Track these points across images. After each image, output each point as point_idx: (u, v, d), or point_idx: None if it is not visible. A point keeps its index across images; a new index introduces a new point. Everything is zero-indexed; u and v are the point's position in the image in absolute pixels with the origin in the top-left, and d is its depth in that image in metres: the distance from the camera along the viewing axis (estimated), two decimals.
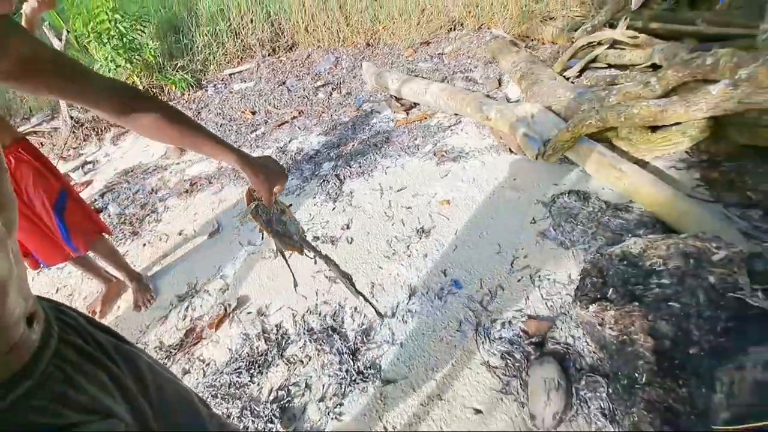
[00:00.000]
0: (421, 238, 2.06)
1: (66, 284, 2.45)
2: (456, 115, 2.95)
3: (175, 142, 0.86)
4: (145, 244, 2.59)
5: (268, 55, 4.57)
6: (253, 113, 3.74)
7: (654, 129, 1.93)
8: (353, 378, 1.53)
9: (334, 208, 2.40)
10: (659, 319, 1.12)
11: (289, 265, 1.07)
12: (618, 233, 1.79)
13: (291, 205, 1.12)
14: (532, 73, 2.75)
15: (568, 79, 2.70)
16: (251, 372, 1.66)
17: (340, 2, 4.35)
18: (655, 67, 2.29)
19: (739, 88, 1.42)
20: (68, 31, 3.99)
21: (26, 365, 0.55)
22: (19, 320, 0.55)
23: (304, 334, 1.74)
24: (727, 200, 1.78)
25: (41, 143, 3.99)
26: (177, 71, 4.34)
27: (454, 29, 4.09)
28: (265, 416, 1.49)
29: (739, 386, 0.87)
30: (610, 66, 2.68)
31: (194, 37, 4.45)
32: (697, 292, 1.06)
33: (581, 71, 2.72)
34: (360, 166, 2.69)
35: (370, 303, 1.15)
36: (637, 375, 1.14)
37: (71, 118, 3.98)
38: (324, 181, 2.64)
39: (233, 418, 1.53)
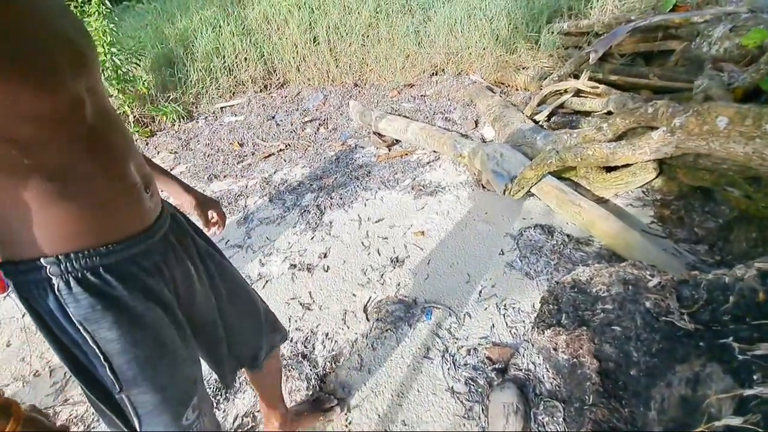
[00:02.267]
0: (395, 268, 2.14)
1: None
2: (434, 152, 3.11)
3: None
4: None
5: (260, 91, 4.77)
6: (241, 145, 3.86)
7: (609, 169, 2.09)
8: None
9: (312, 237, 2.47)
10: (604, 342, 1.20)
11: None
12: (578, 265, 1.89)
13: None
14: (504, 116, 2.95)
15: (537, 122, 2.90)
16: (217, 398, 1.65)
17: (330, 45, 4.62)
18: (610, 115, 2.50)
19: (675, 135, 1.58)
20: None
21: (147, 229, 0.74)
22: (140, 185, 0.73)
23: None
24: (677, 236, 1.91)
25: None
26: (169, 103, 4.49)
27: (436, 74, 4.36)
28: None
29: (667, 402, 0.94)
30: (575, 112, 2.90)
31: (188, 72, 4.64)
32: (635, 316, 1.14)
33: (549, 116, 2.93)
34: (341, 198, 2.79)
35: None
36: (585, 397, 1.20)
37: None
38: (305, 211, 2.72)
39: None
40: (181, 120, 4.46)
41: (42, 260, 0.63)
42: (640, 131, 1.96)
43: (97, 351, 0.67)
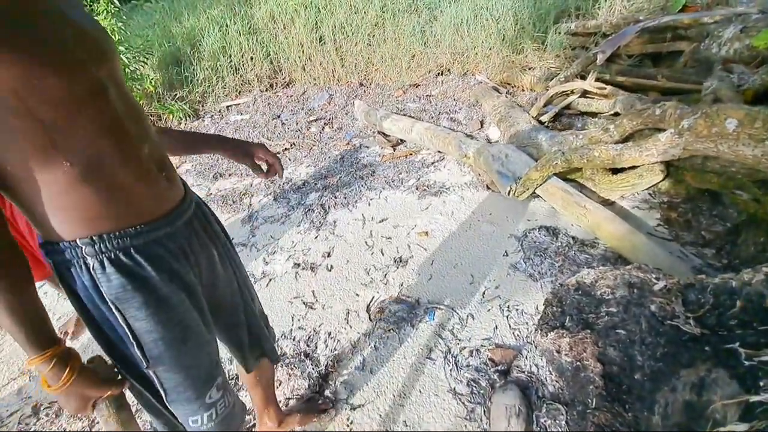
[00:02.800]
0: (398, 268, 2.13)
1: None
2: (439, 152, 3.10)
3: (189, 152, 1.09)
4: None
5: (266, 90, 4.79)
6: None
7: (615, 171, 2.08)
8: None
9: (316, 237, 2.48)
10: (608, 346, 1.18)
11: None
12: (583, 267, 1.88)
13: None
14: (510, 117, 2.94)
15: (543, 123, 2.89)
16: None
17: (336, 45, 4.62)
18: (618, 116, 2.48)
19: (683, 137, 1.56)
20: None
21: (169, 213, 0.77)
22: (156, 169, 0.76)
23: None
24: (684, 239, 1.89)
25: None
26: (176, 101, 4.52)
27: (442, 74, 4.35)
28: None
29: (672, 407, 0.93)
30: (581, 113, 2.88)
31: (195, 71, 4.67)
32: (640, 320, 1.13)
33: (555, 117, 2.91)
34: (345, 197, 2.79)
35: None
36: (588, 400, 1.19)
37: None
38: (309, 210, 2.73)
39: None
40: (188, 118, 4.49)
41: (78, 241, 0.66)
42: (648, 133, 1.94)
43: (126, 329, 0.71)
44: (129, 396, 0.80)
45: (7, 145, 0.58)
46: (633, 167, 1.99)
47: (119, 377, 0.77)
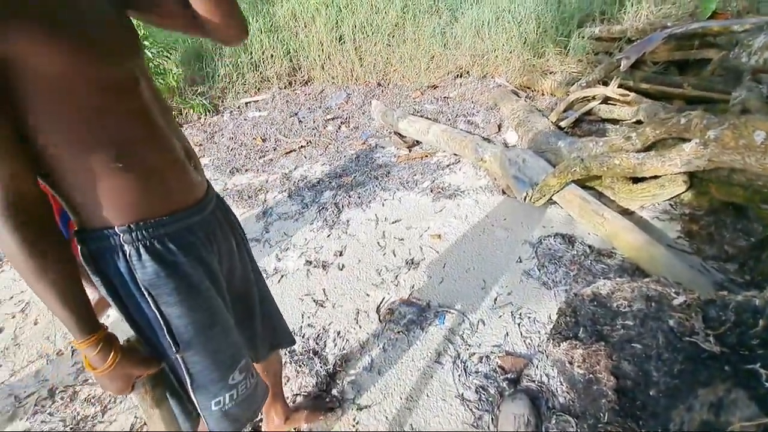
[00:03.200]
0: (410, 269, 2.13)
1: None
2: (455, 155, 3.08)
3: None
4: None
5: (284, 87, 4.83)
6: (264, 140, 3.92)
7: (636, 180, 2.03)
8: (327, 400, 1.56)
9: (329, 235, 2.49)
10: (622, 359, 1.16)
11: None
12: (599, 277, 1.84)
13: None
14: (528, 121, 2.90)
15: (562, 128, 2.84)
16: None
17: (355, 44, 4.64)
18: (640, 124, 2.42)
19: (708, 147, 1.52)
20: None
21: (198, 202, 0.80)
22: (185, 159, 0.77)
23: (285, 354, 1.77)
24: (705, 253, 1.84)
25: None
26: (197, 96, 4.59)
27: (461, 76, 4.32)
28: None
29: (688, 426, 0.90)
30: (602, 120, 2.83)
31: (216, 67, 4.73)
32: (657, 335, 1.10)
33: (575, 123, 2.86)
34: (359, 197, 2.79)
35: None
36: (600, 414, 1.16)
37: None
38: (323, 208, 2.74)
39: None
40: (208, 113, 4.56)
41: (117, 228, 0.68)
42: (671, 142, 1.89)
43: (158, 314, 0.73)
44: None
45: (52, 132, 0.60)
46: (654, 177, 1.94)
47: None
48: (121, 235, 0.68)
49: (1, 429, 1.58)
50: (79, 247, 0.71)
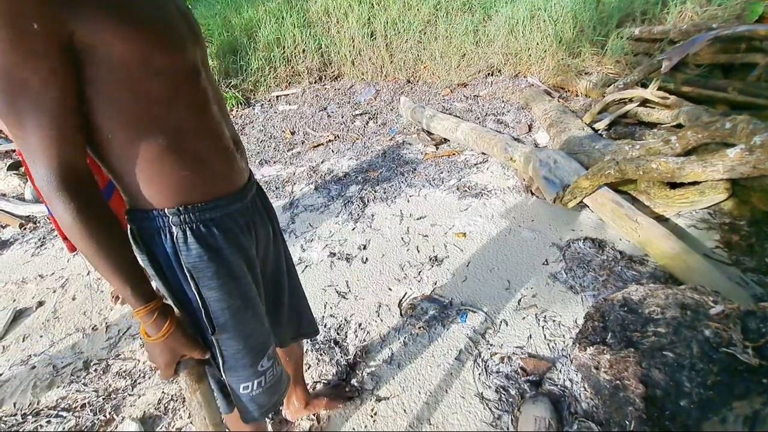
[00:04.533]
0: (433, 266, 2.12)
1: None
2: (483, 154, 3.05)
3: None
4: None
5: (315, 82, 4.89)
6: (293, 133, 3.98)
7: (673, 186, 1.95)
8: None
9: (354, 228, 2.51)
10: (652, 367, 1.12)
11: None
12: (630, 284, 1.78)
13: None
14: (561, 122, 2.83)
15: (596, 130, 2.76)
16: None
17: (387, 41, 4.64)
18: (681, 128, 2.32)
19: (754, 154, 1.44)
20: None
21: (240, 189, 0.82)
22: (233, 146, 0.79)
23: (306, 342, 1.80)
24: (744, 264, 1.75)
25: None
26: (230, 89, 4.71)
27: (492, 74, 4.26)
28: None
29: None
30: (639, 122, 2.73)
31: (250, 60, 4.84)
32: (691, 344, 1.06)
33: (610, 125, 2.77)
34: (384, 192, 2.80)
35: None
36: (626, 422, 1.13)
37: None
38: (348, 202, 2.76)
39: None
40: (240, 106, 4.67)
41: (166, 210, 0.71)
42: (713, 148, 1.81)
43: (197, 297, 0.75)
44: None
45: (111, 116, 0.62)
46: (693, 183, 1.86)
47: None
48: (170, 217, 0.71)
49: (41, 394, 1.68)
50: (128, 226, 0.74)
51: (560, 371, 1.53)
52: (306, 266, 2.26)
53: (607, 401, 1.24)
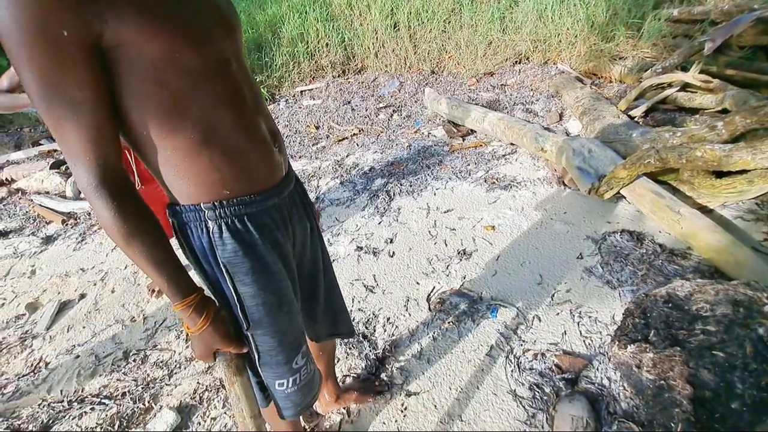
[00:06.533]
0: (461, 260, 2.09)
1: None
2: (512, 144, 2.97)
3: None
4: None
5: (338, 76, 4.89)
6: (317, 128, 4.00)
7: (719, 175, 1.84)
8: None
9: (380, 222, 2.50)
10: (701, 368, 1.06)
11: None
12: (673, 278, 1.70)
13: None
14: (594, 109, 2.72)
15: (632, 118, 2.64)
16: None
17: (410, 32, 4.58)
18: (725, 113, 2.18)
19: None
20: None
21: (278, 183, 0.81)
22: (270, 140, 0.79)
23: None
24: None
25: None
26: None
27: (520, 62, 4.14)
28: None
29: None
30: (678, 108, 2.58)
31: (274, 56, 4.88)
32: (744, 343, 1.00)
33: (647, 112, 2.64)
34: (410, 185, 2.78)
35: None
36: (672, 424, 1.08)
37: None
38: (374, 195, 2.75)
39: None
40: (265, 101, 4.72)
41: (202, 205, 0.71)
42: (762, 133, 1.69)
43: (233, 292, 0.76)
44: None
45: (143, 112, 0.62)
46: (741, 172, 1.74)
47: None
48: (206, 211, 0.71)
49: (84, 383, 1.76)
50: (170, 220, 0.75)
51: (597, 369, 1.47)
52: (333, 260, 2.26)
53: (649, 402, 1.18)
